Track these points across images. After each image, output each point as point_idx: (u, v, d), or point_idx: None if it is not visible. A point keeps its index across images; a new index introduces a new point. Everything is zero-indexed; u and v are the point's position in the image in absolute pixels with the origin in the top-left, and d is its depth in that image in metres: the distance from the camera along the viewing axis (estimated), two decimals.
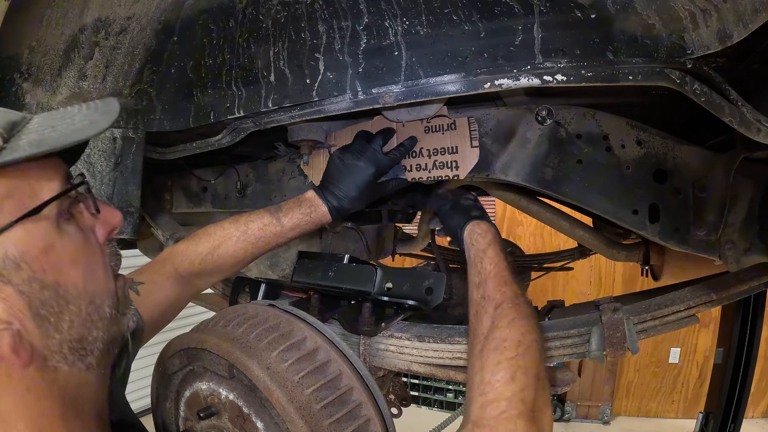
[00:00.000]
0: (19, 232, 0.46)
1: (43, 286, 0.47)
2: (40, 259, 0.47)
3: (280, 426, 0.70)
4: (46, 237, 0.48)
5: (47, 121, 0.50)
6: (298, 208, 0.99)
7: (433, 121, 1.08)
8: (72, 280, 0.49)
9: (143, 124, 1.14)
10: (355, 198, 1.00)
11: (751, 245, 0.97)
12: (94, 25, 0.93)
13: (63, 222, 0.50)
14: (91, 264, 0.52)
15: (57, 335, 0.48)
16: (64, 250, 0.49)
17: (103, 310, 0.53)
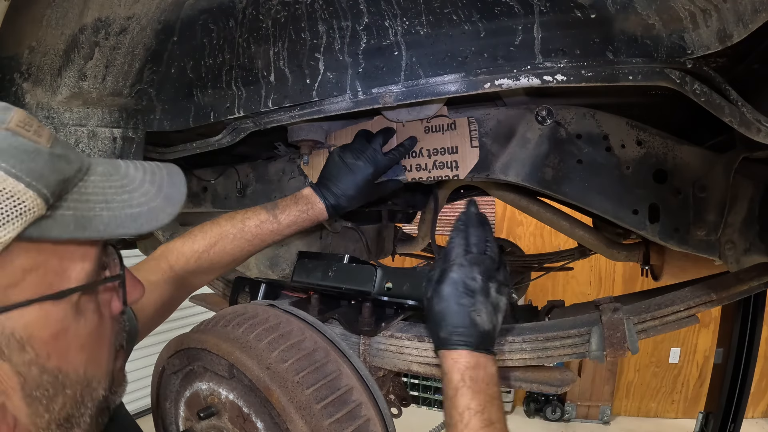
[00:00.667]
0: (34, 312, 0.42)
1: (43, 371, 0.43)
2: (48, 344, 0.43)
3: (280, 426, 0.70)
4: (61, 321, 0.44)
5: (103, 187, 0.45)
6: (295, 205, 0.98)
7: (433, 121, 1.08)
8: (74, 367, 0.46)
9: (143, 124, 1.14)
10: (352, 197, 0.99)
11: (751, 245, 0.97)
12: (94, 25, 0.93)
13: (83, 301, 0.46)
14: (97, 349, 0.49)
15: (46, 415, 0.45)
16: (76, 336, 0.46)
17: (97, 392, 0.50)
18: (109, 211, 0.43)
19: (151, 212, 0.46)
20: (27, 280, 0.41)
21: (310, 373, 0.75)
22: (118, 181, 0.47)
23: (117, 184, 0.46)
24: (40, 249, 0.41)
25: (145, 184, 0.48)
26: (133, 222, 0.44)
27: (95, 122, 1.10)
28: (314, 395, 0.73)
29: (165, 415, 0.88)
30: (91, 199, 0.43)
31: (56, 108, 1.06)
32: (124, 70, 1.03)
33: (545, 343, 0.87)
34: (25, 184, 0.37)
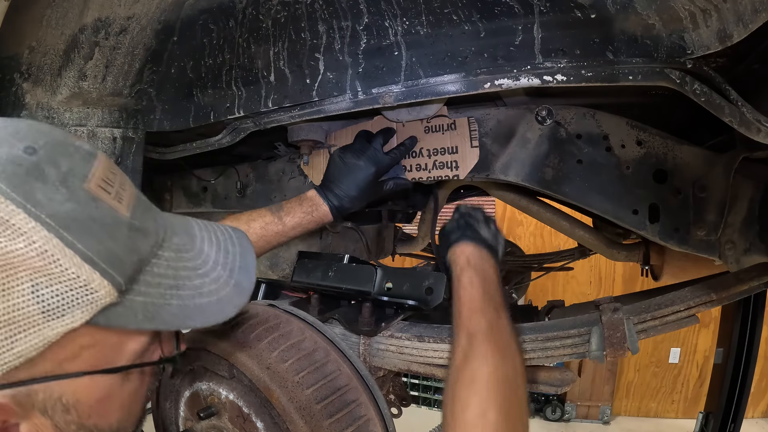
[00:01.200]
0: (85, 381, 0.41)
1: (80, 427, 0.44)
2: (92, 408, 0.43)
3: (280, 426, 0.70)
4: (108, 388, 0.44)
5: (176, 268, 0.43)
6: (299, 207, 0.98)
7: (433, 121, 1.08)
8: (109, 422, 0.46)
9: (143, 124, 1.14)
10: (355, 197, 1.00)
11: (751, 245, 0.97)
12: (94, 25, 0.93)
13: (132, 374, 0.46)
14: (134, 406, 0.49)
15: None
16: (118, 400, 0.46)
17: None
18: (179, 299, 0.42)
19: (219, 303, 0.44)
20: (84, 354, 0.40)
21: (310, 373, 0.75)
22: (191, 261, 0.45)
23: (190, 265, 0.44)
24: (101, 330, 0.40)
25: (218, 267, 0.46)
26: (200, 314, 0.43)
27: (95, 122, 1.10)
28: (314, 395, 0.73)
29: (165, 415, 0.88)
30: (162, 283, 0.42)
31: (56, 108, 1.06)
32: (124, 70, 1.03)
33: (545, 343, 0.87)
34: (101, 272, 0.36)
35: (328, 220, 1.01)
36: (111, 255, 0.37)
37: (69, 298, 0.35)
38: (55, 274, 0.34)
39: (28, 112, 1.03)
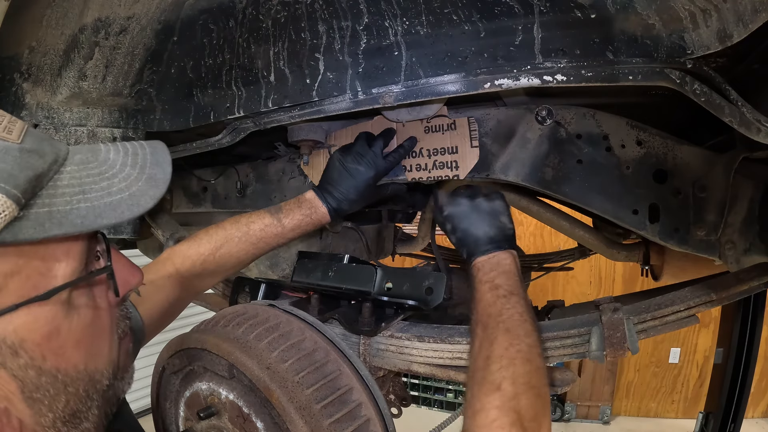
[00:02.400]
0: (22, 316, 0.40)
1: (41, 372, 0.43)
2: (41, 345, 0.42)
3: (280, 426, 0.70)
4: (52, 321, 0.43)
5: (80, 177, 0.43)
6: (298, 208, 0.99)
7: (433, 121, 1.08)
8: (73, 363, 0.45)
9: (143, 124, 1.14)
10: (354, 200, 1.01)
11: (751, 245, 0.97)
12: (94, 25, 0.93)
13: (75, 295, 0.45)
14: (96, 343, 0.48)
15: (50, 414, 0.44)
16: (70, 334, 0.44)
17: (101, 383, 0.49)
18: (87, 202, 0.41)
19: (132, 198, 0.44)
20: (10, 285, 0.40)
21: (310, 373, 0.75)
22: (96, 168, 0.44)
23: (95, 172, 0.44)
24: (19, 252, 0.40)
25: (126, 168, 0.45)
26: (112, 211, 0.42)
27: (95, 122, 1.10)
28: (314, 395, 0.73)
29: (165, 415, 0.88)
30: (66, 191, 0.41)
31: (56, 108, 1.06)
32: (124, 70, 1.03)
33: (545, 343, 0.87)
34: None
35: (326, 222, 1.02)
36: (2, 172, 0.37)
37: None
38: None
39: (28, 112, 1.03)
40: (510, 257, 0.85)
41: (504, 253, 0.85)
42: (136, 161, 0.47)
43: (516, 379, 0.65)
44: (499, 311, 0.75)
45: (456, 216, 0.91)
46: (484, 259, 0.85)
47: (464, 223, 0.90)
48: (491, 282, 0.80)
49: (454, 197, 0.94)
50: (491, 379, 0.65)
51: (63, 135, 1.07)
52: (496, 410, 0.61)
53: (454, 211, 0.92)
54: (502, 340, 0.70)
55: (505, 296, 0.77)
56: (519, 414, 0.61)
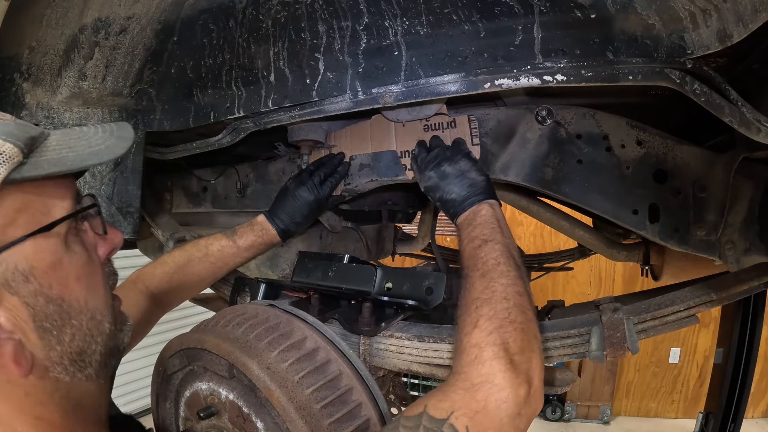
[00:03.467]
0: (30, 246, 0.47)
1: (49, 300, 0.48)
2: (48, 273, 0.49)
3: (280, 426, 0.70)
4: (55, 253, 0.50)
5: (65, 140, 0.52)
6: (251, 231, 1.11)
7: (433, 119, 1.08)
8: (75, 296, 0.51)
9: (143, 124, 1.14)
10: (299, 222, 1.13)
11: (751, 245, 0.97)
12: (94, 25, 0.93)
13: (71, 238, 0.52)
14: (93, 281, 0.54)
15: (58, 347, 0.50)
16: (71, 267, 0.51)
17: (103, 325, 0.54)
18: (73, 152, 0.51)
19: (108, 148, 0.54)
20: (19, 219, 0.47)
21: (310, 373, 0.75)
22: (76, 134, 0.55)
23: (75, 137, 0.54)
24: (24, 191, 0.48)
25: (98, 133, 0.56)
26: (95, 156, 0.52)
27: (95, 122, 1.10)
28: (314, 395, 0.73)
29: (165, 415, 0.88)
30: (56, 147, 0.51)
31: (56, 108, 1.06)
32: (124, 70, 1.03)
33: (545, 343, 0.87)
34: (2, 139, 0.45)
35: (277, 242, 1.13)
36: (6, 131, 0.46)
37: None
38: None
39: (28, 112, 1.03)
40: (486, 207, 0.87)
41: (479, 205, 0.87)
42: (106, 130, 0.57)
43: (493, 316, 0.67)
44: (475, 261, 0.77)
45: (431, 189, 0.96)
46: (462, 217, 0.88)
47: (438, 193, 0.94)
48: (468, 236, 0.83)
49: (423, 173, 0.98)
50: (469, 320, 0.68)
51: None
52: (475, 348, 0.63)
53: (427, 185, 0.97)
54: (478, 285, 0.73)
55: (480, 245, 0.79)
56: (501, 347, 0.62)
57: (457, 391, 0.60)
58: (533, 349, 0.66)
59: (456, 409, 0.57)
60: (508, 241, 0.80)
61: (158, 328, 0.99)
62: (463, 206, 0.89)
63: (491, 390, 0.59)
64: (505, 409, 0.58)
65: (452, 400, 0.59)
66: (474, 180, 0.91)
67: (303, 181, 1.13)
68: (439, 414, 0.57)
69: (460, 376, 0.62)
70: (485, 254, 0.77)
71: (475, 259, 0.78)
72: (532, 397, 0.61)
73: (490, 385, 0.59)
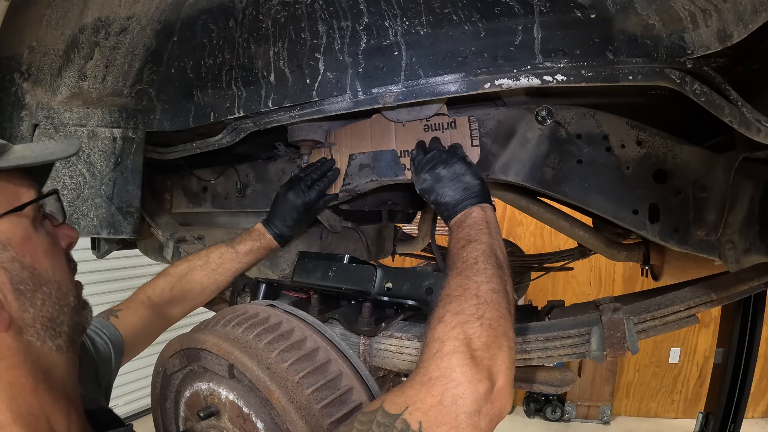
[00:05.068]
0: (6, 222, 0.56)
1: (23, 267, 0.56)
2: (21, 245, 0.57)
3: (280, 426, 0.70)
4: (26, 230, 0.58)
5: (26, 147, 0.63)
6: (249, 237, 1.16)
7: (433, 119, 1.08)
8: (44, 266, 0.59)
9: (143, 124, 1.14)
10: (292, 226, 1.17)
11: (751, 245, 0.97)
12: (94, 25, 0.93)
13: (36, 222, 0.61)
14: (58, 260, 0.62)
15: (31, 309, 0.56)
16: (39, 243, 0.59)
17: (69, 297, 0.61)
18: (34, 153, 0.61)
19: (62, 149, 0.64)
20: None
21: (310, 373, 0.75)
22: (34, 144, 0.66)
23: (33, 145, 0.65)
24: None
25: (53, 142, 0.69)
26: (50, 155, 0.63)
27: (95, 122, 1.10)
28: (314, 395, 0.73)
29: (165, 415, 0.88)
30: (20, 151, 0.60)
31: (56, 108, 1.06)
32: (124, 70, 1.03)
33: (545, 343, 0.87)
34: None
35: (275, 246, 1.17)
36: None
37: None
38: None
39: (28, 112, 1.03)
40: (477, 210, 0.87)
41: (471, 208, 0.87)
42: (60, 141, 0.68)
43: (459, 311, 0.66)
44: (455, 261, 0.77)
45: (425, 191, 0.97)
46: (454, 220, 0.89)
47: (433, 195, 0.95)
48: (456, 236, 0.84)
49: (419, 175, 0.99)
50: (436, 316, 0.67)
51: (63, 135, 1.08)
52: (437, 342, 0.63)
53: (422, 188, 0.98)
54: (453, 283, 0.73)
55: (463, 246, 0.79)
56: (463, 342, 0.61)
57: (414, 386, 0.59)
58: (501, 345, 0.64)
59: (411, 404, 0.56)
60: (494, 241, 0.80)
61: None
62: (456, 209, 0.89)
63: (448, 385, 0.57)
64: (462, 405, 0.56)
65: (408, 395, 0.58)
66: (468, 183, 0.91)
67: (292, 185, 1.17)
68: (394, 409, 0.57)
69: (420, 370, 0.61)
70: (466, 254, 0.77)
71: (455, 259, 0.78)
72: (496, 396, 0.59)
73: (446, 380, 0.58)
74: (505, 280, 0.74)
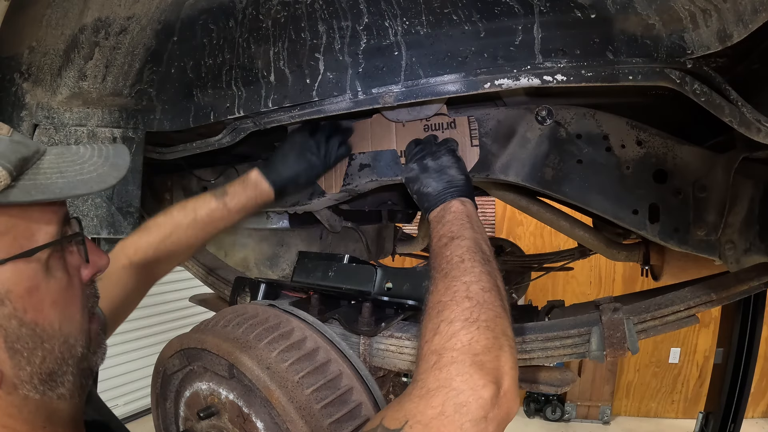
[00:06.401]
0: (9, 270, 0.47)
1: (22, 323, 0.48)
2: (23, 298, 0.48)
3: (280, 426, 0.70)
4: (33, 278, 0.49)
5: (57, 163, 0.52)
6: (243, 191, 1.03)
7: (433, 119, 1.08)
8: (49, 321, 0.51)
9: (143, 124, 1.14)
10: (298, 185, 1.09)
11: (751, 245, 0.97)
12: (94, 25, 0.93)
13: (52, 263, 0.52)
14: (70, 307, 0.54)
15: (28, 368, 0.50)
16: (47, 292, 0.51)
17: (75, 349, 0.54)
18: (63, 178, 0.50)
19: (99, 177, 0.53)
20: (0, 242, 0.47)
21: (310, 373, 0.75)
22: (70, 158, 0.54)
23: (69, 160, 0.53)
24: (9, 214, 0.47)
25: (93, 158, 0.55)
26: (84, 185, 0.51)
27: (95, 122, 1.10)
28: (314, 395, 0.73)
29: (165, 415, 0.88)
30: (47, 172, 0.50)
31: (56, 108, 1.06)
32: (124, 70, 1.03)
33: (545, 343, 0.87)
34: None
35: (269, 200, 1.06)
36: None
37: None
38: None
39: (28, 112, 1.03)
40: (457, 203, 0.85)
41: (450, 201, 0.85)
42: (101, 154, 0.56)
43: (454, 319, 0.64)
44: (440, 261, 0.75)
45: (410, 180, 0.95)
46: (433, 213, 0.87)
47: (416, 185, 0.93)
48: (437, 233, 0.81)
49: (407, 164, 0.99)
50: (430, 327, 0.65)
51: (63, 135, 1.08)
52: (434, 354, 0.61)
53: (408, 176, 0.96)
54: (440, 286, 0.70)
55: (446, 243, 0.77)
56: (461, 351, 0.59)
57: (412, 400, 0.57)
58: (501, 346, 0.62)
59: (410, 417, 0.55)
60: (478, 235, 0.78)
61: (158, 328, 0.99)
62: (437, 201, 0.87)
63: (449, 395, 0.55)
64: (466, 413, 0.54)
65: (407, 409, 0.56)
66: (452, 177, 0.90)
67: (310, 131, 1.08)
68: (394, 424, 0.55)
69: (417, 383, 0.59)
70: (450, 252, 0.74)
71: (440, 259, 0.75)
72: (502, 399, 0.57)
73: (447, 390, 0.56)
74: (494, 276, 0.72)
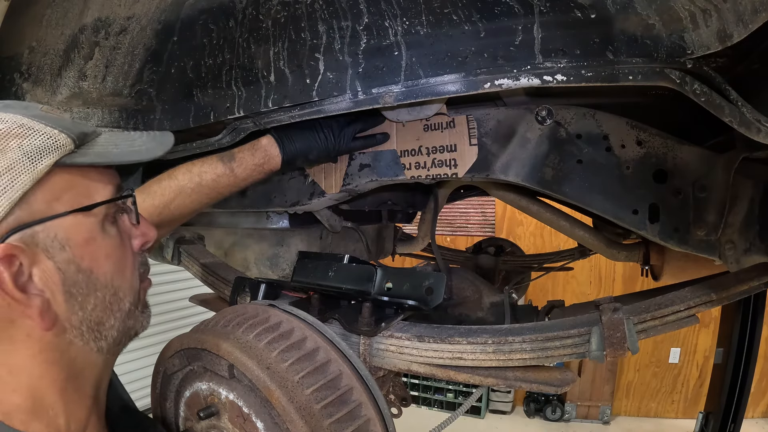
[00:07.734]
0: (70, 220, 0.54)
1: (79, 269, 0.55)
2: (81, 246, 0.55)
3: (280, 426, 0.70)
4: (90, 231, 0.57)
5: (112, 139, 0.61)
6: (252, 158, 1.02)
7: (433, 119, 1.09)
8: (103, 271, 0.58)
9: (143, 124, 1.14)
10: (308, 161, 1.10)
11: (751, 245, 0.97)
12: (94, 25, 0.93)
13: (107, 223, 0.59)
14: (121, 263, 0.60)
15: (80, 312, 0.56)
16: (102, 246, 0.58)
17: (124, 303, 0.60)
18: (118, 149, 0.60)
19: (148, 150, 0.63)
20: (64, 197, 0.54)
21: (311, 373, 0.75)
22: (123, 136, 0.64)
23: (122, 137, 0.63)
24: (72, 173, 0.55)
25: (143, 137, 0.65)
26: (137, 154, 0.61)
27: (95, 122, 1.10)
28: (314, 395, 0.73)
29: (165, 415, 0.88)
30: (104, 144, 0.59)
31: (56, 108, 1.06)
32: (124, 70, 1.03)
33: (545, 343, 0.87)
34: (59, 130, 0.54)
35: (276, 170, 1.06)
36: (64, 124, 0.55)
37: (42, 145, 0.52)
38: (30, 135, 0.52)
39: None
40: None
41: None
42: (149, 136, 0.66)
43: None
44: None
45: None
46: None
47: None
48: None
49: None
50: None
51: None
52: None
53: None
54: None
55: None
56: None
57: None
58: None
59: None
60: None
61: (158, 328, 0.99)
62: None
63: None
64: None
65: None
66: None
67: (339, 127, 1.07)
68: None
69: None
70: None
71: None
72: None
73: None
74: None
